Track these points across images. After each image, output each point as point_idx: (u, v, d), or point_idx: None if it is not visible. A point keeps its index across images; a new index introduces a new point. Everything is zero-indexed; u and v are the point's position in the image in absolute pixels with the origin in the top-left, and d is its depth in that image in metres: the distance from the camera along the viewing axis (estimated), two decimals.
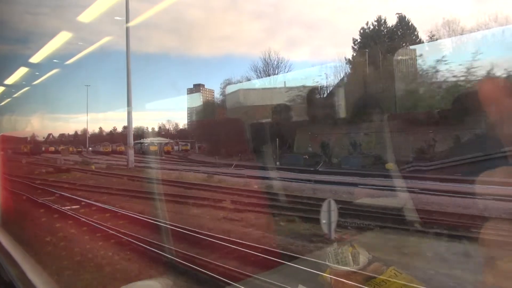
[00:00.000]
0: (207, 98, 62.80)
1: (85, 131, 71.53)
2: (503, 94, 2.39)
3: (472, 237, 5.78)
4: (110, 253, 6.11)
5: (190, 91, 77.65)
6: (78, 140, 65.42)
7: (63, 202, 11.67)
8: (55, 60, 15.05)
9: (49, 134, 64.14)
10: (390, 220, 7.37)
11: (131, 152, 26.64)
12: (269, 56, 39.71)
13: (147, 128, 74.51)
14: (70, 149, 59.09)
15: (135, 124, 71.39)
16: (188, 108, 72.71)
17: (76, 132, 70.16)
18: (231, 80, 44.30)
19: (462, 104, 16.91)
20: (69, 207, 10.57)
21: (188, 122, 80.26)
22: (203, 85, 76.73)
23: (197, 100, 61.85)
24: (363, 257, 3.01)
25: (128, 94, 24.83)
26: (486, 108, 2.32)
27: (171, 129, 74.44)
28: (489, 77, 16.32)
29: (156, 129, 73.61)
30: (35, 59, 12.81)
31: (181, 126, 75.41)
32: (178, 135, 65.54)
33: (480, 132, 16.74)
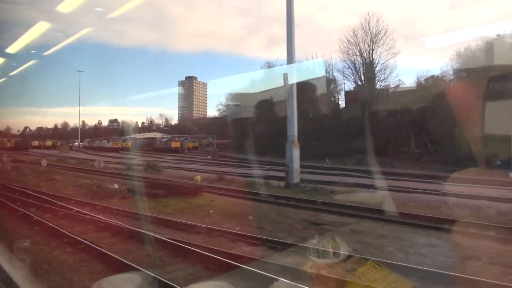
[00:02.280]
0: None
1: (65, 125, 69.29)
2: None
3: None
4: None
5: (182, 84, 76.27)
6: (58, 134, 63.19)
7: None
8: (32, 51, 14.62)
9: (26, 127, 61.93)
10: None
11: (295, 153, 15.59)
12: (369, 23, 29.56)
13: (135, 122, 71.95)
14: (59, 143, 55.73)
15: (119, 119, 69.85)
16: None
17: (55, 126, 68.01)
18: (273, 63, 38.86)
19: None
20: None
21: (180, 116, 77.33)
22: (196, 78, 75.22)
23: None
24: (344, 250, 3.07)
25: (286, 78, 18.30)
26: None
27: (162, 123, 71.99)
28: None
29: (147, 123, 71.42)
30: (12, 49, 12.42)
31: (174, 121, 73.24)
32: (172, 130, 63.26)
33: None
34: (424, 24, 53.81)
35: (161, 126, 69.49)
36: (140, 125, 69.53)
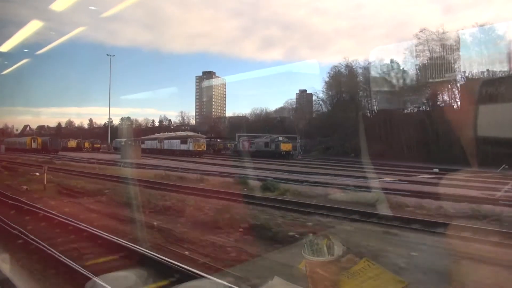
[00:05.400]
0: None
1: (70, 123, 67.47)
2: None
3: None
4: None
5: (200, 79, 74.48)
6: (62, 134, 60.98)
7: None
8: (25, 50, 14.49)
9: (26, 126, 60.62)
10: None
11: None
12: None
13: (151, 121, 68.35)
14: (86, 144, 49.59)
15: (113, 119, 68.79)
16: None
17: (59, 124, 66.73)
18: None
19: None
20: None
21: (197, 114, 71.35)
22: (214, 73, 73.26)
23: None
24: (338, 249, 3.09)
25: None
26: None
27: (186, 122, 69.02)
28: None
29: (165, 123, 68.57)
30: (4, 48, 12.31)
31: (193, 119, 70.41)
32: (192, 130, 57.22)
33: None
34: (418, 28, 54.48)
35: (182, 126, 65.58)
36: (157, 124, 67.34)
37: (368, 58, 37.65)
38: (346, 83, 40.96)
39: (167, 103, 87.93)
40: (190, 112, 72.11)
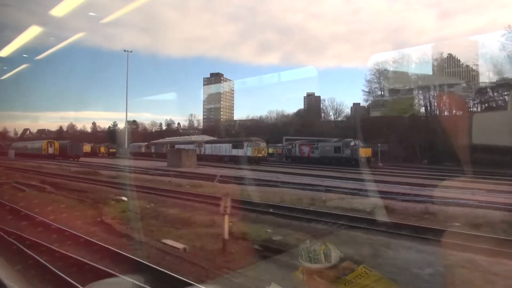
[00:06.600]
0: None
1: (72, 127, 67.21)
2: None
3: None
4: None
5: (208, 81, 73.78)
6: (64, 137, 60.37)
7: None
8: (24, 55, 14.50)
9: (26, 129, 60.65)
10: None
11: None
12: None
13: (159, 124, 67.62)
14: (102, 149, 48.13)
15: (111, 123, 68.65)
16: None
17: (61, 128, 66.71)
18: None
19: None
20: None
21: (205, 118, 71.33)
22: (222, 74, 72.78)
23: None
24: (335, 255, 3.07)
25: None
26: None
27: (199, 125, 69.05)
28: None
29: (175, 126, 68.52)
30: (3, 53, 12.33)
31: (202, 122, 70.29)
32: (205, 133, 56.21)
33: None
34: (414, 33, 54.93)
35: (190, 130, 65.19)
36: (164, 127, 67.14)
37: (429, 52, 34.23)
38: (401, 78, 35.45)
39: (166, 107, 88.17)
40: (197, 115, 72.00)
